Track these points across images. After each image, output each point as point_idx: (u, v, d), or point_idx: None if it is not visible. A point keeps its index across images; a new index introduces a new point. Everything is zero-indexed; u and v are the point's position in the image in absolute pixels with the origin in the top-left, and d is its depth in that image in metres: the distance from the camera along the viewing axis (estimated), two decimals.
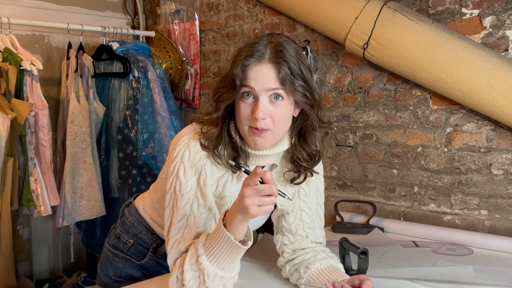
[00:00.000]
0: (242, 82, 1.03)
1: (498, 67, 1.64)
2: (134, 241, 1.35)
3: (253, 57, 1.03)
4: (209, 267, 1.02)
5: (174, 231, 1.10)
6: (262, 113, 1.02)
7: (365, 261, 1.23)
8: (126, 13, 3.20)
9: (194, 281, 1.04)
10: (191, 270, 1.04)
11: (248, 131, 1.06)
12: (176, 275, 1.07)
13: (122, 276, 1.36)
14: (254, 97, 1.04)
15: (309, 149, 1.15)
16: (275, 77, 1.03)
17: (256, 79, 1.03)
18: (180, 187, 1.10)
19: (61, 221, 2.43)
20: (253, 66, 1.03)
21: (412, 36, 1.80)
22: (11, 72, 2.20)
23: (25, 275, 2.68)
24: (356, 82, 2.18)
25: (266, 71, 1.03)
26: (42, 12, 2.76)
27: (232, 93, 1.05)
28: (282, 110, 1.05)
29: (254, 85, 1.03)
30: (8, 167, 2.10)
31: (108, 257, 1.39)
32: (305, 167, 1.17)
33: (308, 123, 1.11)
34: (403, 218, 2.03)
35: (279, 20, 2.46)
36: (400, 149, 2.04)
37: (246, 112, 1.04)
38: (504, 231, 1.75)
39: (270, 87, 1.03)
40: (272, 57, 1.04)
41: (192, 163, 1.10)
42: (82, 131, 2.47)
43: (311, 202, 1.28)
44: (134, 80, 2.59)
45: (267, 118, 1.04)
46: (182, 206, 1.10)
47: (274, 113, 1.04)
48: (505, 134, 1.76)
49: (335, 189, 2.29)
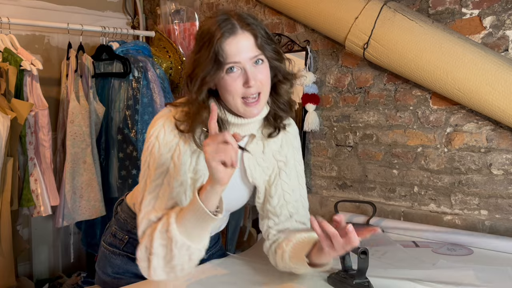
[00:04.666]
0: (226, 59, 1.06)
1: (498, 67, 1.64)
2: (129, 237, 1.35)
3: (227, 32, 1.07)
4: (177, 235, 1.05)
5: (146, 203, 1.14)
6: (253, 80, 1.08)
7: (365, 261, 1.23)
8: (126, 13, 3.20)
9: (162, 249, 1.07)
10: (161, 239, 1.07)
11: (241, 104, 1.11)
12: (145, 244, 1.10)
13: (121, 273, 1.36)
14: (239, 69, 1.09)
15: (283, 99, 1.20)
16: (254, 44, 1.08)
17: (239, 52, 1.07)
18: (153, 163, 1.14)
19: (61, 221, 2.43)
20: (231, 41, 1.07)
21: (412, 36, 1.80)
22: (11, 72, 2.20)
23: (25, 275, 2.68)
24: (356, 82, 2.18)
25: (245, 42, 1.07)
26: (42, 12, 2.76)
27: (217, 73, 1.08)
28: (265, 71, 1.12)
29: (238, 59, 1.07)
30: (8, 167, 2.10)
31: (105, 255, 1.39)
32: (281, 117, 1.22)
33: (279, 77, 1.17)
34: (403, 218, 2.03)
35: (279, 20, 2.46)
36: (400, 149, 2.04)
37: (237, 85, 1.09)
38: (504, 231, 1.75)
39: (253, 55, 1.08)
40: (243, 25, 1.08)
41: (166, 141, 1.14)
42: (82, 131, 2.46)
43: (293, 182, 1.31)
44: (134, 80, 2.59)
45: (257, 81, 1.10)
46: (155, 179, 1.13)
47: (260, 76, 1.10)
48: (505, 134, 1.76)
49: (335, 189, 2.29)
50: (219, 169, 0.98)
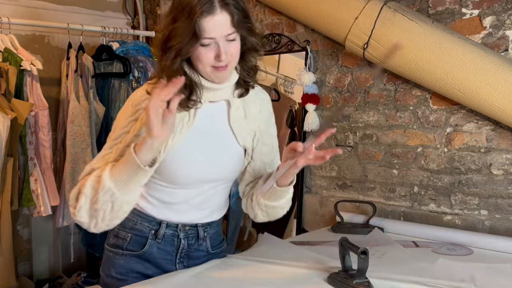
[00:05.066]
0: (202, 35, 1.15)
1: (498, 67, 1.64)
2: (132, 234, 1.36)
3: (206, 12, 1.14)
4: (107, 180, 1.12)
5: (98, 155, 1.26)
6: (225, 54, 1.17)
7: (365, 261, 1.23)
8: (126, 13, 3.20)
9: (91, 191, 1.15)
10: (92, 181, 1.15)
11: (210, 71, 1.21)
12: (79, 185, 1.19)
13: (124, 273, 1.36)
14: (213, 43, 1.17)
15: (248, 65, 1.30)
16: (230, 24, 1.16)
17: (215, 29, 1.15)
18: (119, 124, 1.25)
19: (61, 221, 2.43)
20: (209, 19, 1.14)
21: (412, 36, 1.80)
22: (11, 72, 2.20)
23: (25, 275, 2.68)
24: (356, 82, 2.18)
25: (222, 21, 1.15)
26: (42, 12, 2.76)
27: (192, 45, 1.17)
28: (237, 46, 1.21)
29: (214, 35, 1.15)
30: (8, 167, 2.10)
31: (108, 258, 1.39)
32: (248, 82, 1.32)
33: (247, 45, 1.26)
34: (403, 218, 2.03)
35: (279, 20, 2.46)
36: (400, 149, 2.05)
37: (209, 57, 1.18)
38: (504, 231, 1.76)
39: (227, 32, 1.17)
40: (222, 4, 1.15)
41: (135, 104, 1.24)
42: (82, 131, 2.47)
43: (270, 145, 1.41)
44: (134, 80, 2.59)
45: (227, 55, 1.19)
46: (115, 138, 1.24)
47: (231, 51, 1.19)
48: (505, 134, 1.76)
49: (335, 189, 2.29)
50: (151, 122, 1.05)
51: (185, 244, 1.36)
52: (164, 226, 1.33)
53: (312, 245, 1.70)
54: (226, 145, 1.32)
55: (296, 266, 1.42)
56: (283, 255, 1.54)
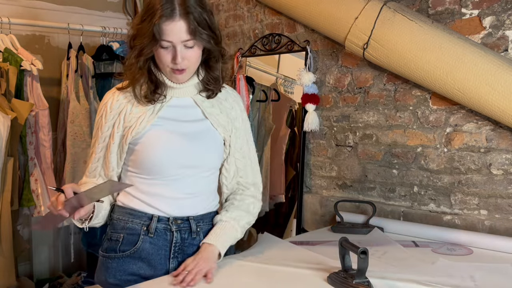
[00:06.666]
0: (161, 37, 1.25)
1: (498, 67, 1.64)
2: (124, 234, 1.37)
3: (165, 16, 1.23)
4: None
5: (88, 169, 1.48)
6: (181, 58, 1.27)
7: (365, 261, 1.23)
8: (126, 13, 3.20)
9: None
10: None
11: (169, 71, 1.32)
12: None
13: (117, 277, 1.36)
14: (171, 46, 1.27)
15: (212, 74, 1.39)
16: (186, 30, 1.25)
17: (172, 34, 1.25)
18: (101, 127, 1.39)
19: None
20: (168, 24, 1.24)
21: (412, 36, 1.80)
22: (11, 72, 2.20)
23: (25, 275, 2.68)
24: (356, 82, 2.18)
25: (179, 27, 1.24)
26: (42, 12, 2.76)
27: (153, 46, 1.27)
28: (194, 53, 1.30)
29: (171, 39, 1.25)
30: (8, 167, 2.11)
31: (102, 263, 1.40)
32: (212, 89, 1.41)
33: (212, 56, 1.36)
34: (403, 218, 2.04)
35: (279, 20, 2.46)
36: (400, 149, 2.05)
37: (168, 58, 1.28)
38: (504, 231, 1.76)
39: (184, 39, 1.26)
40: (182, 11, 1.24)
41: (113, 108, 1.37)
42: (82, 131, 2.47)
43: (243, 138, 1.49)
44: None
45: (184, 60, 1.29)
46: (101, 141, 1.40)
47: (188, 56, 1.29)
48: (505, 134, 1.76)
49: (335, 189, 2.29)
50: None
51: (178, 237, 1.37)
52: (156, 220, 1.35)
53: (312, 245, 1.71)
54: (204, 133, 1.40)
55: (296, 266, 1.42)
56: (283, 255, 1.54)
